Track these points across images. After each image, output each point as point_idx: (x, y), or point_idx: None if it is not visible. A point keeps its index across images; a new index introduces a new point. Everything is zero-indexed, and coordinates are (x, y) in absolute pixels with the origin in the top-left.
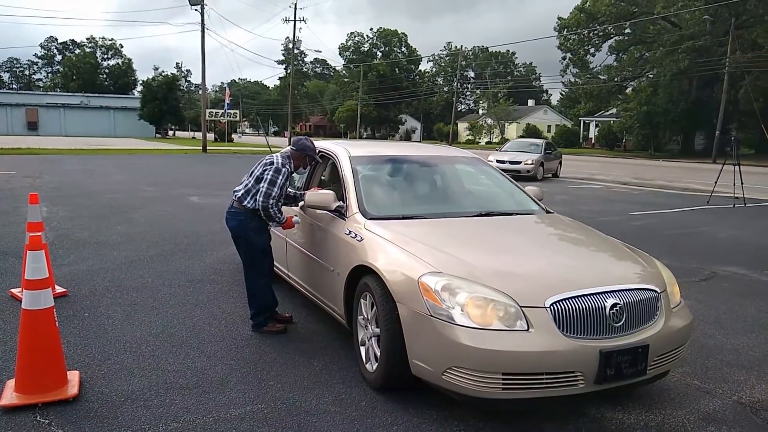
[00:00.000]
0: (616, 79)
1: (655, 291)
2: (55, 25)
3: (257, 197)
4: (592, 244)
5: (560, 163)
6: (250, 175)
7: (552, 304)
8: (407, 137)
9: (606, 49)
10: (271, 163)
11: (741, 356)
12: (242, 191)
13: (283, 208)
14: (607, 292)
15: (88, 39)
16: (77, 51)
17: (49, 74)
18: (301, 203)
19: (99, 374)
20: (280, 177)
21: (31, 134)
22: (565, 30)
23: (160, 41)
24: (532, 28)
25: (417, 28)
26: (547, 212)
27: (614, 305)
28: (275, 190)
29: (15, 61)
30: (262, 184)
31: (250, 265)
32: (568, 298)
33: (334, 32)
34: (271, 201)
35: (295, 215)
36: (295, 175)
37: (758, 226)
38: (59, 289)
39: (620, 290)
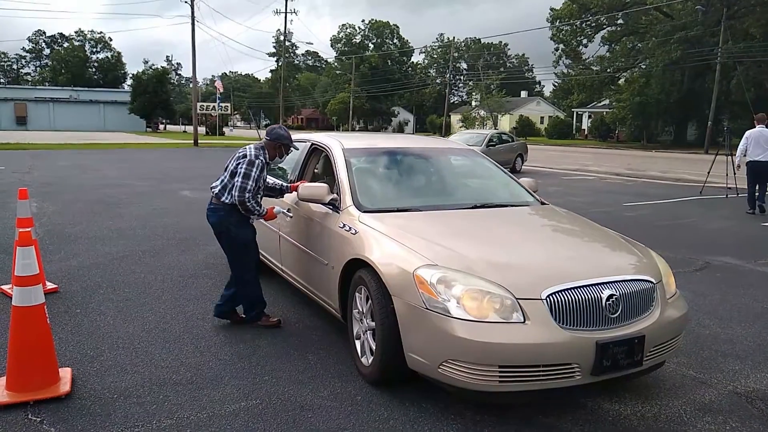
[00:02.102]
0: (608, 70)
1: (651, 282)
2: (43, 19)
3: (233, 192)
4: (588, 236)
5: (521, 155)
6: (225, 170)
7: (548, 296)
8: (400, 129)
9: (598, 39)
10: (244, 156)
11: (736, 346)
12: (219, 187)
13: (270, 200)
14: (603, 283)
15: (76, 32)
16: (66, 44)
17: (38, 68)
18: (289, 194)
19: (91, 371)
20: (254, 169)
21: (20, 129)
22: (558, 21)
23: (151, 34)
24: (525, 19)
25: (410, 19)
26: (542, 204)
27: (610, 296)
28: (250, 183)
29: (2, 55)
30: (236, 179)
31: (235, 260)
32: (564, 290)
33: (328, 24)
34: (247, 195)
35: (277, 206)
36: (286, 167)
37: (750, 216)
38: (50, 285)
39: (616, 281)
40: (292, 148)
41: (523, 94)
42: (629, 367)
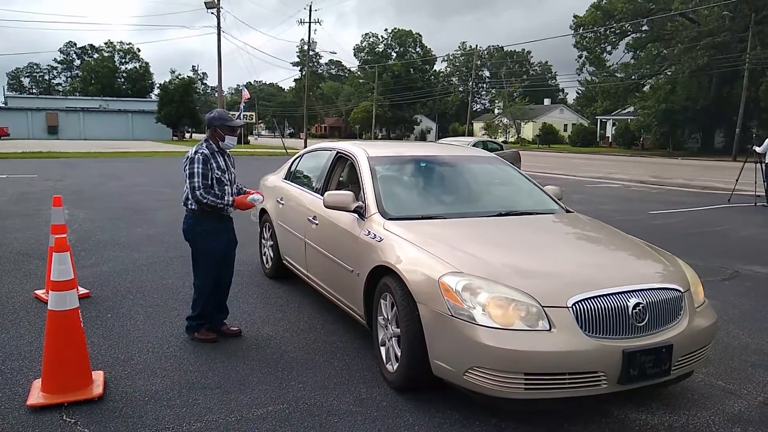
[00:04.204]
0: (633, 77)
1: (679, 290)
2: (73, 30)
3: (189, 196)
4: (614, 244)
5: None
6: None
7: (574, 304)
8: (422, 137)
9: (623, 46)
10: (187, 158)
11: (766, 356)
12: (184, 198)
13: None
14: (629, 291)
15: (106, 43)
16: (96, 55)
17: (69, 78)
18: (316, 201)
19: (123, 374)
20: (196, 164)
21: (52, 138)
22: (582, 28)
23: (179, 45)
24: (549, 26)
25: (434, 27)
26: (567, 211)
27: (637, 305)
28: (196, 180)
29: (35, 66)
30: (185, 183)
31: (194, 267)
32: (590, 298)
33: (352, 34)
34: (198, 192)
35: (254, 194)
36: (311, 175)
37: None
38: (82, 290)
39: (643, 290)
40: (229, 124)
41: (547, 101)
42: (656, 377)
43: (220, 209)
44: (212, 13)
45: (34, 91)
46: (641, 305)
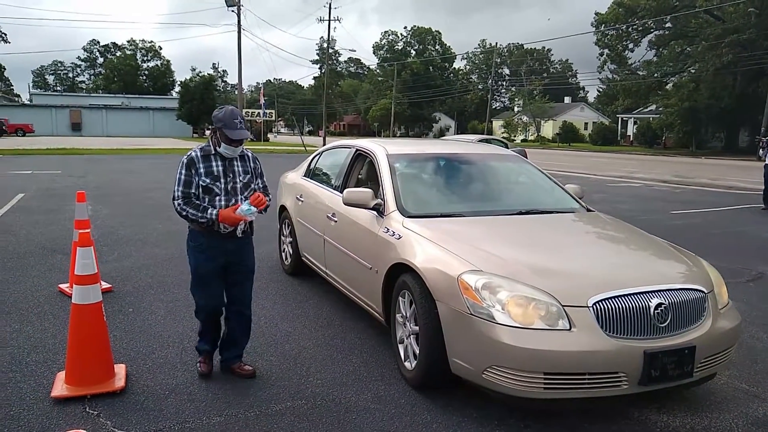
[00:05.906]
0: (655, 75)
1: (702, 291)
2: (97, 29)
3: None
4: (635, 243)
5: None
6: None
7: (594, 304)
8: (441, 135)
9: (645, 44)
10: None
11: None
12: None
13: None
14: (651, 291)
15: (128, 41)
16: (118, 53)
17: (92, 76)
18: (335, 198)
19: (144, 368)
20: (180, 169)
21: (75, 135)
22: (603, 25)
23: (200, 43)
24: (569, 24)
25: (454, 24)
26: (588, 210)
27: (659, 305)
28: (176, 188)
29: (59, 64)
30: None
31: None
32: (611, 298)
33: (372, 31)
34: (175, 203)
35: (244, 204)
36: (330, 173)
37: None
38: (105, 285)
39: (665, 290)
40: (227, 133)
41: (567, 99)
42: (679, 378)
43: (202, 224)
44: (233, 11)
45: (58, 88)
46: (663, 305)
